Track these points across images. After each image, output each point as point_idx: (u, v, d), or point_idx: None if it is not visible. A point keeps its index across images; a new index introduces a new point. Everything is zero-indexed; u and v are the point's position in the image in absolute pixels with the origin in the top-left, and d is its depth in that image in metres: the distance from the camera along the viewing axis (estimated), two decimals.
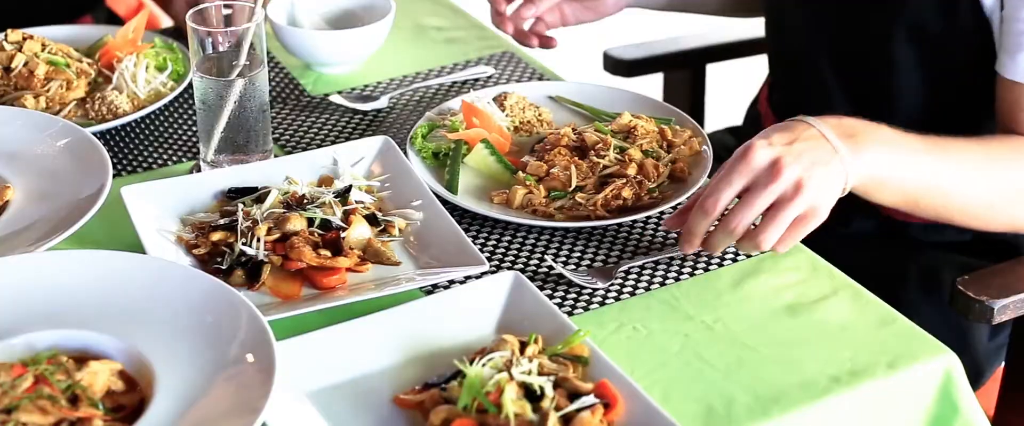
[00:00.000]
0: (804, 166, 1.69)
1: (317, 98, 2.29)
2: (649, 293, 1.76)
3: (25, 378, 1.48)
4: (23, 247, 1.74)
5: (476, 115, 2.05)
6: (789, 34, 2.29)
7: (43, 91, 2.16)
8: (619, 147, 1.94)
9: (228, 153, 1.97)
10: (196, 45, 1.92)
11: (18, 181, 1.90)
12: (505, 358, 1.52)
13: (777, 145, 1.71)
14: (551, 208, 1.88)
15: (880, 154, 1.76)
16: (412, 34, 2.53)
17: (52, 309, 1.62)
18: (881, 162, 1.76)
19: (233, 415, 1.44)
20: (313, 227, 1.79)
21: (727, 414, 1.55)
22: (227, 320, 1.57)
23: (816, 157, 1.71)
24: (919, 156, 1.81)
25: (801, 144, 1.72)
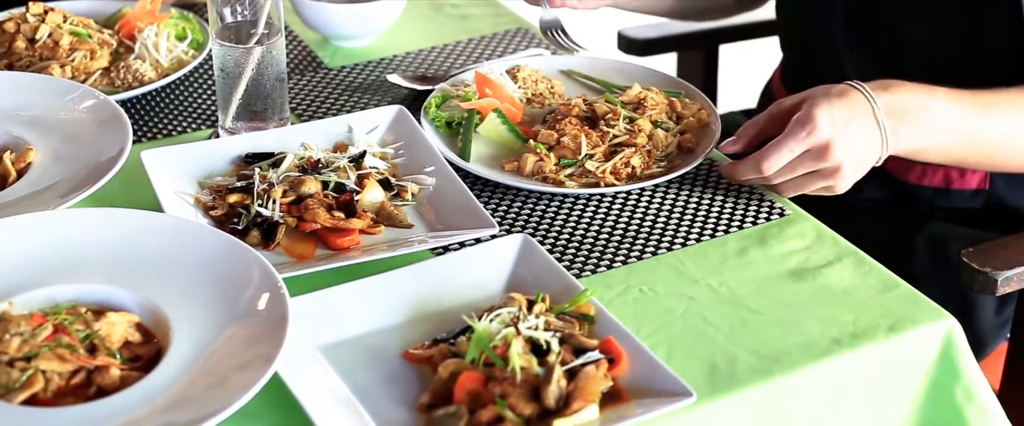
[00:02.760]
0: (852, 159, 1.81)
1: (334, 70, 2.32)
2: (656, 257, 1.80)
3: (45, 327, 1.53)
4: (45, 205, 1.78)
5: (489, 86, 2.09)
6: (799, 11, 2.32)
7: (68, 61, 2.20)
8: (629, 117, 1.98)
9: (246, 121, 2.01)
10: (215, 13, 1.96)
11: (41, 144, 1.94)
12: (513, 314, 1.55)
13: (838, 124, 1.80)
14: (561, 175, 1.91)
15: (924, 132, 1.86)
16: (428, 9, 2.57)
17: (72, 264, 1.66)
18: (925, 137, 1.86)
19: (247, 366, 1.48)
20: (328, 190, 1.83)
21: (730, 373, 1.58)
22: (241, 275, 1.62)
23: (864, 150, 1.83)
24: (969, 121, 1.88)
25: (856, 126, 1.81)
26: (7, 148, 1.94)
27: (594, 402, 1.46)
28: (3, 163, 1.89)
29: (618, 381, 1.51)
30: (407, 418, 1.49)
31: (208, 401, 1.44)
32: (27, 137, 1.96)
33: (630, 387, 1.51)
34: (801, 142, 1.80)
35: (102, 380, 1.50)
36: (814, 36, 2.26)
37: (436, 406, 1.48)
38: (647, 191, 1.93)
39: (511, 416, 1.44)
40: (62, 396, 1.49)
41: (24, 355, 1.50)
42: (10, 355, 1.50)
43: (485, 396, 1.46)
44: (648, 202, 1.91)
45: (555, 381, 1.46)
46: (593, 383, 1.47)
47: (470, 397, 1.46)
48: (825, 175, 1.83)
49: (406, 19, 2.46)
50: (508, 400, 1.45)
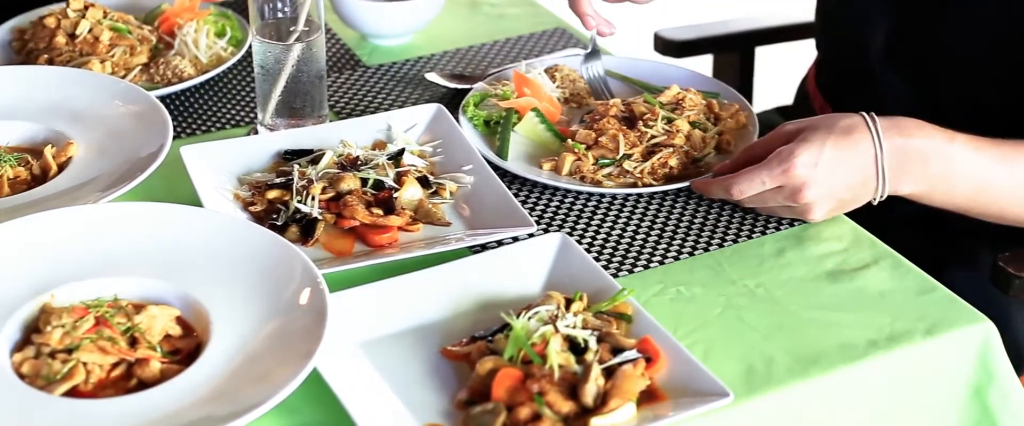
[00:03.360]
0: (827, 201, 1.82)
1: (372, 68, 2.33)
2: (693, 258, 1.80)
3: (86, 320, 1.54)
4: (85, 199, 1.79)
5: (527, 85, 2.09)
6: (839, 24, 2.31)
7: (108, 57, 2.22)
8: (667, 118, 1.98)
9: (285, 117, 2.02)
10: (256, 10, 1.97)
11: (81, 139, 1.96)
12: (551, 312, 1.56)
13: (819, 166, 1.78)
14: (599, 175, 1.92)
15: (932, 179, 1.83)
16: (466, 8, 2.57)
17: (113, 258, 1.67)
18: (932, 184, 1.84)
19: (286, 362, 1.49)
20: (366, 187, 1.83)
21: (767, 373, 1.58)
22: (281, 271, 1.63)
23: (845, 193, 1.82)
24: (983, 172, 1.84)
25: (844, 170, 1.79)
26: (48, 142, 1.96)
27: (631, 401, 1.47)
28: (44, 157, 1.90)
29: (655, 380, 1.52)
30: (445, 414, 1.50)
31: (248, 395, 1.45)
32: (68, 131, 1.97)
33: (667, 386, 1.51)
34: (774, 178, 1.79)
35: (142, 373, 1.51)
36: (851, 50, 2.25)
37: (474, 403, 1.49)
38: (684, 192, 1.93)
39: (549, 413, 1.44)
40: (102, 388, 1.50)
41: (65, 347, 1.52)
42: (51, 347, 1.52)
43: (523, 393, 1.47)
44: (685, 202, 1.91)
45: (593, 379, 1.47)
46: (630, 382, 1.48)
47: (508, 394, 1.47)
48: (796, 211, 1.84)
49: (444, 18, 2.47)
50: (546, 397, 1.45)
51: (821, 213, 1.82)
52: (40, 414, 1.45)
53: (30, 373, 1.51)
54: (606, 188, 1.90)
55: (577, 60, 2.24)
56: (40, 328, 1.56)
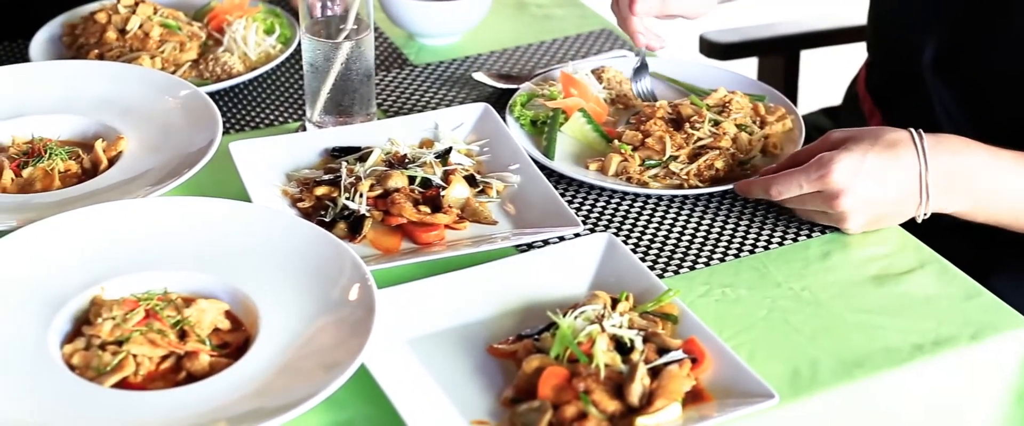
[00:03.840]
0: (863, 212, 1.81)
1: (419, 67, 2.34)
2: (739, 260, 1.80)
3: (137, 312, 1.56)
4: (135, 193, 1.81)
5: (574, 86, 2.10)
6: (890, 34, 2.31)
7: (158, 52, 2.23)
8: (713, 120, 1.99)
9: (333, 115, 2.03)
10: (306, 8, 1.98)
11: (132, 134, 1.97)
12: (597, 312, 1.57)
13: (859, 175, 1.78)
14: (645, 176, 1.93)
15: (977, 196, 1.84)
16: (513, 9, 2.58)
17: (163, 251, 1.69)
18: (976, 202, 1.84)
19: (334, 357, 1.51)
20: (414, 185, 1.85)
21: (812, 376, 1.59)
22: (330, 267, 1.64)
23: (883, 206, 1.81)
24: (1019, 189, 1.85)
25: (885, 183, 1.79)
26: (99, 136, 1.98)
27: (677, 401, 1.47)
28: (95, 151, 1.92)
29: (701, 381, 1.52)
30: (491, 411, 1.51)
31: (296, 390, 1.47)
32: (118, 126, 1.99)
33: (712, 387, 1.52)
34: (812, 182, 1.79)
35: (191, 366, 1.53)
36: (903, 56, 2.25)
37: (520, 400, 1.50)
38: (730, 194, 1.93)
39: (594, 412, 1.45)
40: (152, 380, 1.52)
41: (115, 339, 1.53)
42: (102, 339, 1.53)
43: (569, 392, 1.47)
44: (731, 205, 1.92)
45: (639, 379, 1.47)
46: (676, 382, 1.48)
47: (554, 392, 1.48)
48: (832, 218, 1.83)
49: (491, 18, 2.48)
50: (592, 396, 1.46)
51: (857, 223, 1.81)
52: (90, 405, 1.47)
53: (80, 364, 1.52)
54: (652, 189, 1.91)
55: (623, 62, 2.24)
56: (90, 320, 1.58)
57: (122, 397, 1.48)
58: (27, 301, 1.60)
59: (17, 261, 1.65)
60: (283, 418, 1.42)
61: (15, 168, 1.88)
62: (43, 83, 2.09)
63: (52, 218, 1.70)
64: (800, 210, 1.85)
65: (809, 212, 1.84)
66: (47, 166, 1.88)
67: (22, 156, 1.91)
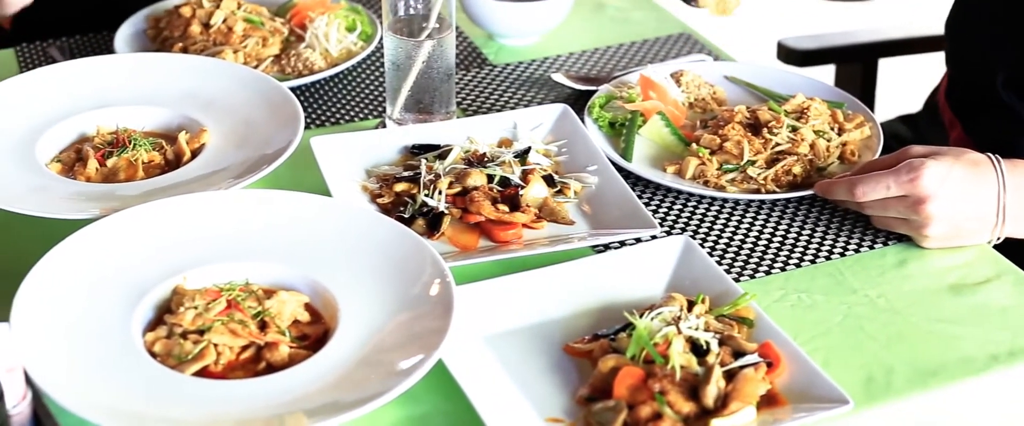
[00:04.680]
0: (945, 223, 1.81)
1: (499, 67, 2.36)
2: (815, 266, 1.81)
3: (219, 302, 1.58)
4: (217, 185, 1.83)
5: (653, 89, 2.11)
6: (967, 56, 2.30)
7: (241, 47, 2.26)
8: (792, 126, 1.99)
9: (413, 112, 2.05)
10: (389, 6, 2.00)
11: (215, 127, 2.00)
12: (673, 313, 1.57)
13: (946, 184, 1.78)
14: (722, 180, 1.93)
15: None
16: (592, 11, 2.59)
17: (244, 243, 1.71)
18: None
19: (412, 352, 1.52)
20: (492, 184, 1.86)
21: (886, 383, 1.59)
22: (410, 262, 1.65)
23: (964, 221, 1.81)
24: None
25: (968, 197, 1.79)
26: (182, 128, 2.00)
27: (751, 404, 1.48)
28: (178, 143, 1.94)
29: (776, 385, 1.53)
30: (566, 409, 1.52)
31: (373, 383, 1.48)
32: (202, 119, 2.01)
33: (787, 392, 1.52)
34: (900, 184, 1.79)
35: (271, 356, 1.54)
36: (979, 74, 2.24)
37: (595, 399, 1.51)
38: (807, 200, 1.94)
39: (669, 413, 1.46)
40: (231, 370, 1.54)
41: (197, 328, 1.55)
42: (184, 327, 1.56)
43: (644, 392, 1.48)
44: (808, 211, 1.92)
45: (714, 381, 1.48)
46: (751, 385, 1.49)
47: (629, 392, 1.49)
48: (912, 225, 1.82)
49: (570, 20, 2.49)
50: (667, 397, 1.47)
51: (937, 231, 1.81)
52: (171, 392, 1.49)
53: (162, 352, 1.54)
54: (729, 193, 1.91)
55: (702, 66, 2.25)
56: (172, 309, 1.60)
57: (202, 385, 1.50)
58: (110, 289, 1.62)
59: (101, 249, 1.67)
60: (360, 411, 1.43)
61: (100, 158, 1.91)
62: (128, 75, 2.11)
63: (136, 208, 1.72)
64: (877, 218, 1.85)
65: (888, 219, 1.84)
66: (131, 156, 1.91)
67: (107, 146, 1.93)
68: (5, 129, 1.97)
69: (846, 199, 1.85)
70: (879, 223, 1.85)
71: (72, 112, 2.03)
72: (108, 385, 1.49)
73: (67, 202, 1.81)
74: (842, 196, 1.85)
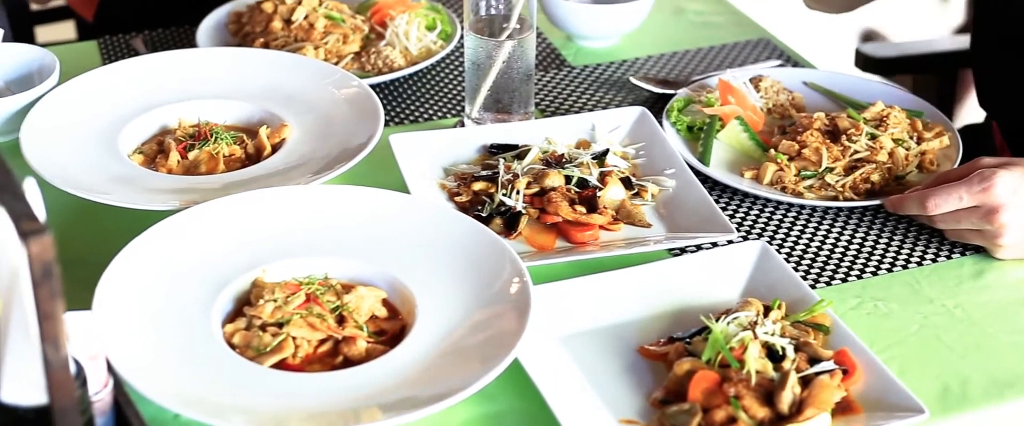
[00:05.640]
0: (1019, 232, 1.79)
1: (577, 69, 2.37)
2: (891, 274, 1.80)
3: (298, 296, 1.59)
4: (297, 180, 1.84)
5: (732, 93, 2.11)
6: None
7: (322, 44, 2.27)
8: (870, 134, 1.98)
9: (492, 112, 2.06)
10: (470, 5, 2.01)
11: (295, 122, 2.01)
12: (750, 318, 1.58)
13: (1019, 193, 1.77)
14: (800, 186, 1.93)
15: None
16: (671, 15, 2.59)
17: (324, 238, 1.72)
18: None
19: (488, 349, 1.53)
20: (570, 185, 1.86)
21: (962, 393, 1.58)
22: (488, 261, 1.66)
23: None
24: None
25: None
26: (263, 123, 2.02)
27: (826, 411, 1.48)
28: (259, 137, 1.96)
29: (851, 393, 1.53)
30: (640, 411, 1.52)
31: (449, 380, 1.49)
32: (282, 114, 2.03)
33: (862, 399, 1.52)
34: (973, 195, 1.78)
35: (349, 351, 1.56)
36: None
37: (669, 402, 1.51)
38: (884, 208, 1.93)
39: (744, 417, 1.46)
40: (309, 363, 1.56)
41: (276, 321, 1.57)
42: (263, 320, 1.57)
43: (719, 396, 1.48)
44: (885, 219, 1.91)
45: (789, 387, 1.48)
46: (827, 392, 1.49)
47: (704, 396, 1.49)
48: (986, 236, 1.81)
49: (649, 23, 2.49)
50: (742, 401, 1.47)
51: (1011, 240, 1.79)
52: (249, 384, 1.50)
53: (241, 344, 1.56)
54: (806, 200, 1.91)
55: (781, 71, 2.24)
56: (252, 301, 1.61)
57: (280, 377, 1.52)
58: (191, 280, 1.64)
59: (182, 241, 1.69)
60: (436, 408, 1.44)
61: (181, 150, 1.93)
62: (210, 69, 2.13)
63: (217, 200, 1.74)
64: (950, 230, 1.84)
65: (960, 231, 1.83)
66: (212, 149, 1.93)
67: (188, 139, 1.95)
68: (88, 120, 2.00)
69: (917, 213, 1.84)
70: (952, 235, 1.85)
71: (154, 105, 2.05)
72: (187, 375, 1.50)
73: (149, 193, 1.83)
74: (914, 210, 1.84)
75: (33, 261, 1.11)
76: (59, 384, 1.18)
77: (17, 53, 2.17)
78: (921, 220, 1.87)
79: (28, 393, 1.25)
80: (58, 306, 1.14)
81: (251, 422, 1.43)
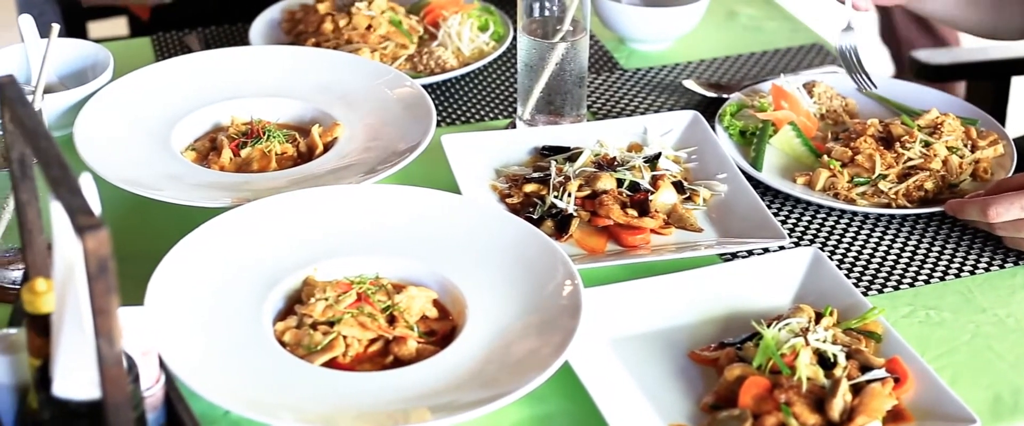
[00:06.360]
0: None
1: (629, 72, 2.36)
2: (944, 283, 1.79)
3: (349, 295, 1.59)
4: (349, 179, 1.84)
5: (785, 98, 2.10)
6: None
7: (379, 47, 2.28)
8: (925, 141, 1.97)
9: (544, 114, 2.06)
10: (524, 7, 2.01)
11: (348, 121, 2.01)
12: (801, 325, 1.57)
13: None
14: (853, 193, 1.92)
15: None
16: (723, 19, 2.59)
17: (375, 238, 1.72)
18: None
19: (539, 352, 1.53)
20: (622, 188, 1.86)
21: (1014, 404, 1.57)
22: (540, 264, 1.66)
23: None
24: None
25: None
26: (316, 122, 2.02)
27: (877, 419, 1.47)
28: (311, 136, 1.96)
29: (902, 401, 1.52)
30: (690, 415, 1.52)
31: (499, 382, 1.49)
32: (335, 113, 2.03)
33: (913, 408, 1.51)
34: None
35: (399, 351, 1.56)
36: None
37: (720, 407, 1.51)
38: (937, 216, 1.92)
39: (795, 424, 1.45)
40: (359, 362, 1.56)
41: (327, 319, 1.57)
42: (314, 318, 1.57)
43: (769, 402, 1.48)
44: (938, 227, 1.90)
45: (841, 394, 1.47)
46: (878, 400, 1.48)
47: (755, 402, 1.48)
48: None
49: (701, 27, 2.48)
50: (793, 408, 1.46)
51: None
52: (299, 382, 1.51)
53: (291, 342, 1.56)
54: (859, 206, 1.90)
55: (835, 77, 2.23)
56: (303, 300, 1.62)
57: (330, 376, 1.52)
58: (242, 278, 1.65)
59: (234, 238, 1.69)
60: (486, 409, 1.44)
61: (234, 148, 1.93)
62: (263, 67, 2.14)
63: (269, 198, 1.74)
64: (1010, 238, 1.83)
65: (1020, 239, 1.82)
66: (265, 147, 1.93)
67: (241, 136, 1.96)
68: (142, 117, 2.00)
69: (978, 219, 1.83)
70: (1012, 243, 1.84)
71: (207, 102, 2.05)
72: (238, 372, 1.51)
73: (201, 190, 1.84)
74: (974, 216, 1.83)
75: (89, 256, 1.12)
76: (112, 379, 1.18)
77: (72, 49, 2.18)
78: (980, 227, 1.86)
79: (81, 387, 1.26)
80: (113, 301, 1.14)
81: (300, 420, 1.43)
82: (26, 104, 1.27)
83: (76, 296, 1.21)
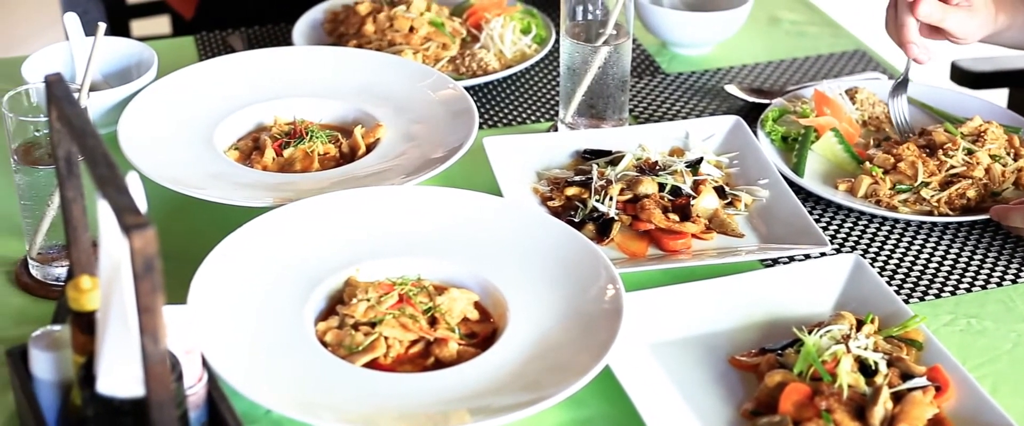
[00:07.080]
0: None
1: (671, 76, 2.36)
2: (985, 291, 1.79)
3: (391, 296, 1.60)
4: (391, 181, 1.85)
5: (827, 105, 2.10)
6: None
7: (422, 49, 2.28)
8: (967, 149, 1.97)
9: (586, 117, 2.06)
10: (567, 10, 2.01)
11: (390, 122, 2.02)
12: (842, 332, 1.57)
13: None
14: (895, 200, 1.92)
15: None
16: (766, 24, 2.58)
17: (417, 239, 1.73)
18: None
19: (580, 355, 1.53)
20: (663, 192, 1.86)
21: None
22: (581, 267, 1.66)
23: None
24: None
25: None
26: (358, 122, 2.02)
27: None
28: (354, 137, 1.97)
29: (943, 410, 1.51)
30: (729, 421, 1.52)
31: (540, 384, 1.49)
32: (377, 114, 2.04)
33: (954, 417, 1.51)
34: None
35: (440, 352, 1.56)
36: None
37: (760, 413, 1.50)
38: (979, 224, 1.92)
39: None
40: (400, 363, 1.56)
41: (369, 320, 1.58)
42: (355, 319, 1.58)
43: (810, 409, 1.48)
44: (980, 235, 1.90)
45: (882, 402, 1.47)
46: (919, 409, 1.48)
47: (795, 408, 1.48)
48: None
49: (744, 32, 2.48)
50: (833, 415, 1.46)
51: None
52: (341, 382, 1.51)
53: (333, 342, 1.57)
54: (901, 214, 1.90)
55: (877, 84, 2.23)
56: (345, 300, 1.62)
57: (372, 376, 1.53)
58: (284, 277, 1.65)
59: (276, 238, 1.70)
60: (526, 412, 1.44)
61: (277, 148, 1.94)
62: (306, 67, 2.15)
63: (312, 198, 1.75)
64: None
65: None
66: (307, 148, 1.94)
67: (284, 136, 1.96)
68: (185, 116, 2.01)
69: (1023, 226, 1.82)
70: None
71: (250, 101, 2.06)
72: (280, 371, 1.51)
73: (244, 190, 1.84)
74: (1019, 223, 1.82)
75: (135, 255, 1.12)
76: (156, 377, 1.19)
77: (116, 47, 2.19)
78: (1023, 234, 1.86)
79: (125, 385, 1.27)
80: (158, 300, 1.15)
81: (341, 420, 1.44)
82: (73, 102, 1.28)
83: (121, 294, 1.22)
